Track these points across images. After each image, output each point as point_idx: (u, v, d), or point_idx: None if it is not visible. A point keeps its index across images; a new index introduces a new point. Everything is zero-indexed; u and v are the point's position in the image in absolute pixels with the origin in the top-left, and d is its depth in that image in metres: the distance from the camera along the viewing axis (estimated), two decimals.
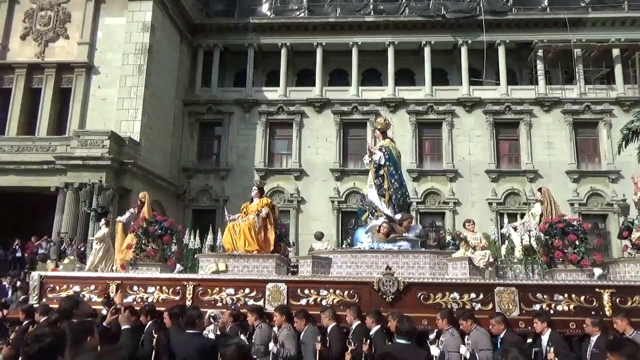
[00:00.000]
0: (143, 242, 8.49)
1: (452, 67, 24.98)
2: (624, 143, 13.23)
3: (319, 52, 24.41)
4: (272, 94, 24.49)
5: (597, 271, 7.97)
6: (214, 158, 24.65)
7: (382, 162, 9.22)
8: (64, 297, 7.16)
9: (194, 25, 24.80)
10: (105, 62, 20.73)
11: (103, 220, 10.71)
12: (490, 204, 22.18)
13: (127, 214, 10.18)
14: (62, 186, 18.13)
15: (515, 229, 9.05)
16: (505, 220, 9.77)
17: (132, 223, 9.44)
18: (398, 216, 9.06)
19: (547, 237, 7.88)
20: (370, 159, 9.40)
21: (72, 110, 20.26)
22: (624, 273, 7.65)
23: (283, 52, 24.62)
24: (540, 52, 23.53)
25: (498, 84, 23.82)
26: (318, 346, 5.54)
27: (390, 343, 5.32)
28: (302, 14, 24.79)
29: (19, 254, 16.88)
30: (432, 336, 6.02)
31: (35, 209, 19.42)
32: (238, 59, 25.32)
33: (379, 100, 23.72)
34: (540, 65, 23.54)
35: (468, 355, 5.41)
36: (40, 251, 16.47)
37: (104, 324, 5.60)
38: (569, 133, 22.84)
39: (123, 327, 5.03)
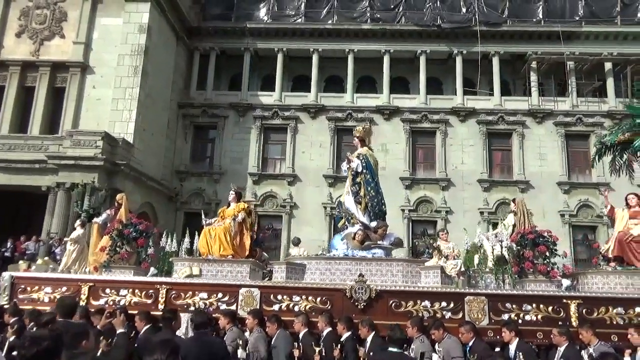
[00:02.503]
0: (117, 244, 8.41)
1: (447, 76, 25.15)
2: (597, 157, 13.52)
3: (314, 58, 24.51)
4: (267, 98, 24.52)
5: (565, 282, 8.11)
6: (208, 161, 24.58)
7: (360, 170, 9.36)
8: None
9: (190, 28, 24.80)
10: (101, 63, 20.67)
11: (78, 221, 10.57)
12: (481, 213, 22.29)
13: (104, 215, 10.08)
14: (53, 186, 17.97)
15: (488, 238, 9.17)
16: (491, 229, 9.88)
17: (109, 225, 9.36)
18: (373, 224, 9.16)
19: (519, 247, 8.02)
20: (348, 166, 9.52)
21: (66, 110, 20.14)
22: (592, 284, 7.78)
23: (279, 57, 24.68)
24: (533, 64, 23.79)
25: (492, 95, 24.02)
26: (296, 352, 5.65)
27: (381, 350, 5.36)
28: (299, 20, 24.89)
29: (8, 254, 16.65)
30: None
31: (31, 208, 19.23)
32: (234, 62, 25.33)
33: (374, 108, 23.82)
34: (533, 77, 23.79)
35: None
36: (28, 251, 16.27)
37: (97, 327, 5.56)
38: (560, 145, 23.07)
39: (118, 331, 5.00)
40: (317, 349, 5.59)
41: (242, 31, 24.79)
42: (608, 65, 23.57)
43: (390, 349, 4.92)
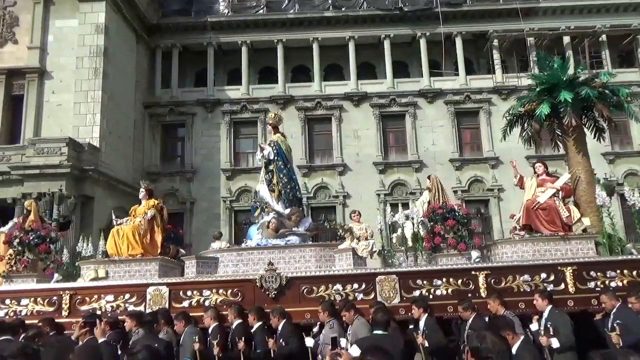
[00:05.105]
0: (19, 252, 8.17)
1: (412, 59, 25.31)
2: (508, 129, 13.62)
3: (279, 49, 24.29)
4: (234, 92, 24.22)
5: (474, 254, 8.17)
6: (179, 160, 24.20)
7: (272, 157, 9.27)
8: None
9: (150, 26, 24.18)
10: (59, 67, 19.95)
11: None
12: (455, 192, 22.65)
13: (10, 224, 9.87)
14: (19, 197, 17.37)
15: (400, 218, 9.29)
16: None
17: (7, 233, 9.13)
18: (287, 211, 9.06)
19: (432, 223, 8.11)
20: (261, 154, 9.43)
21: (26, 118, 19.41)
22: (502, 255, 7.85)
23: (243, 50, 24.37)
24: (495, 42, 24.15)
25: (457, 75, 24.31)
26: (196, 346, 5.56)
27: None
28: (260, 11, 24.60)
29: None
30: (315, 329, 6.19)
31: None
32: (198, 58, 24.89)
33: (342, 95, 23.82)
34: (496, 55, 24.17)
35: (349, 347, 5.51)
36: None
37: (72, 337, 5.42)
38: None
39: (100, 341, 4.88)
40: (215, 342, 5.64)
41: (203, 26, 24.33)
42: (566, 39, 24.11)
43: (376, 331, 4.97)
